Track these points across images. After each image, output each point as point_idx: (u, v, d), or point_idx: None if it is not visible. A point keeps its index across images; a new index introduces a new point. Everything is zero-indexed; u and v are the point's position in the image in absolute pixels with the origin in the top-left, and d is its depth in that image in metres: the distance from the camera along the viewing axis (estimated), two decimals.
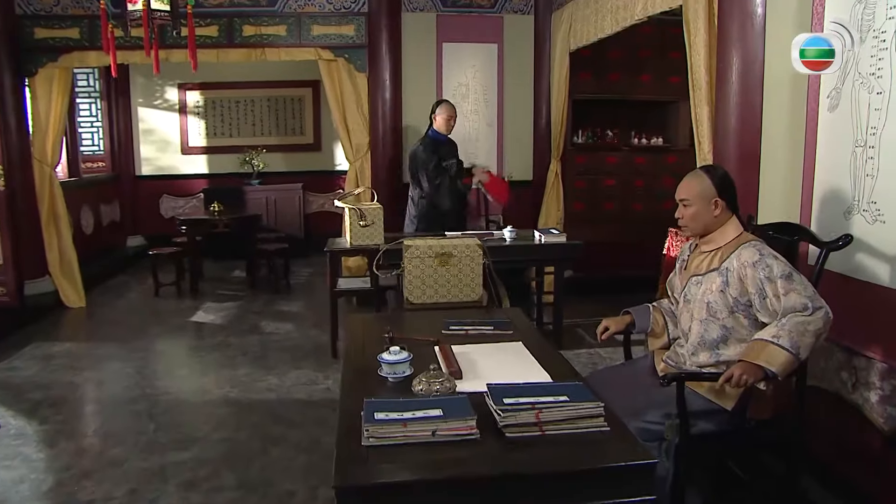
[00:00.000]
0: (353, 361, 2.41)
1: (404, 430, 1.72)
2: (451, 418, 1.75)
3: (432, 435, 1.73)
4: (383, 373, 2.18)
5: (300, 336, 5.27)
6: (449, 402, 1.84)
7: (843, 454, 2.61)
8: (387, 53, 6.02)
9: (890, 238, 2.34)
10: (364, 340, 2.63)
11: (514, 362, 2.35)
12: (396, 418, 1.74)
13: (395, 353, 2.17)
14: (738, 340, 2.39)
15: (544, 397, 1.84)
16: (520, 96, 6.34)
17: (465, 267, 3.18)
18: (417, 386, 1.98)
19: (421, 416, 1.76)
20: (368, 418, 1.74)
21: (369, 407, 1.80)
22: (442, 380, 1.98)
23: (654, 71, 6.50)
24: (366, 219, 4.61)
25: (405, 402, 1.84)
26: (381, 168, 6.15)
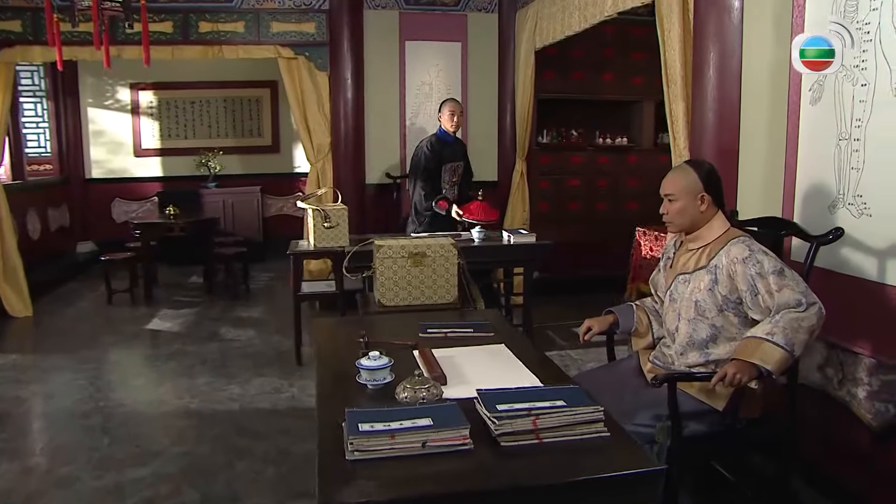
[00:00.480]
0: (328, 368, 2.25)
1: (392, 443, 1.57)
2: (442, 428, 1.60)
3: (422, 447, 1.58)
4: (362, 380, 2.03)
5: (262, 342, 5.06)
6: (438, 411, 1.70)
7: (830, 452, 2.56)
8: (348, 51, 5.85)
9: (878, 231, 2.29)
10: (336, 345, 2.48)
11: (500, 366, 2.22)
12: (383, 429, 1.59)
13: (375, 358, 2.02)
14: (728, 339, 2.31)
15: (540, 402, 1.72)
16: (484, 96, 6.24)
17: (440, 267, 3.04)
18: (402, 393, 1.83)
19: (409, 427, 1.61)
20: (352, 430, 1.59)
21: (352, 417, 1.65)
22: (428, 386, 1.84)
23: (617, 70, 6.48)
24: (330, 220, 4.44)
25: (390, 411, 1.69)
26: (343, 169, 5.97)
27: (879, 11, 2.25)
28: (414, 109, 6.09)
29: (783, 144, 2.71)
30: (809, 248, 2.30)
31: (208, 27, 5.60)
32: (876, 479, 2.38)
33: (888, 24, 2.22)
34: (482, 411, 1.71)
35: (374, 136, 6.03)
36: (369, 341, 2.37)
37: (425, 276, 3.02)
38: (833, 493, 2.54)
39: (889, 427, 2.32)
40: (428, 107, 6.11)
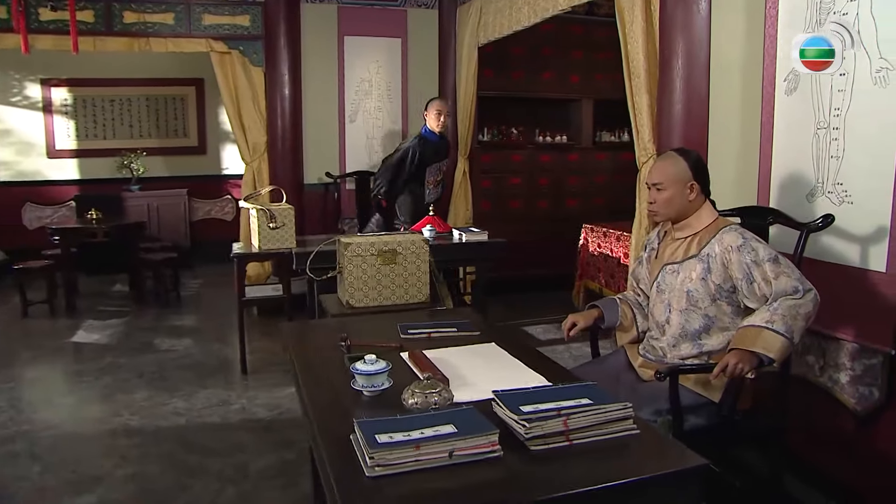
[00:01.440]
0: (311, 375, 2.04)
1: (417, 454, 1.40)
2: (468, 435, 1.45)
3: (449, 457, 1.42)
4: (357, 386, 1.84)
5: (201, 352, 4.72)
6: (458, 416, 1.54)
7: (812, 439, 2.56)
8: (285, 46, 5.58)
9: (859, 218, 2.30)
10: (312, 351, 2.27)
11: (499, 365, 2.08)
12: (405, 440, 1.42)
13: (371, 362, 1.84)
14: (721, 329, 2.26)
15: (565, 402, 1.59)
16: (425, 93, 6.05)
17: (411, 265, 2.88)
18: (410, 399, 1.66)
19: (433, 436, 1.45)
20: (371, 443, 1.41)
21: (366, 429, 1.47)
22: (438, 390, 1.68)
23: (556, 69, 6.48)
24: (276, 220, 4.19)
25: (408, 419, 1.52)
26: (280, 168, 5.68)
27: (857, 2, 2.25)
28: (353, 107, 5.88)
29: (757, 135, 2.70)
30: (800, 237, 2.28)
31: (134, 18, 5.19)
32: (860, 465, 2.39)
33: (866, 14, 2.23)
34: (505, 414, 1.57)
35: (313, 135, 5.78)
36: (351, 344, 2.20)
37: (396, 274, 2.85)
38: (815, 480, 2.54)
39: (873, 411, 2.33)
40: (367, 104, 5.91)
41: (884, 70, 2.18)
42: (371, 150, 5.95)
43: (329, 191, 5.87)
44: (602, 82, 6.63)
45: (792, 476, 2.56)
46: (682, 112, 3.04)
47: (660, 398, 2.18)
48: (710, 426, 2.21)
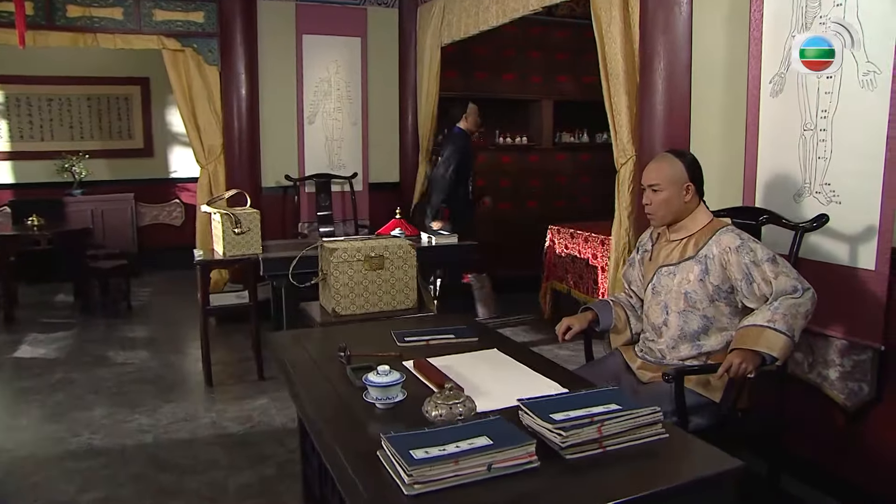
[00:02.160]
0: (313, 389, 1.97)
1: (456, 469, 1.36)
2: (505, 446, 1.42)
3: (488, 470, 1.39)
4: (370, 398, 1.79)
5: (160, 365, 4.54)
6: (491, 427, 1.50)
7: (803, 435, 2.62)
8: (241, 44, 5.42)
9: (848, 217, 2.37)
10: (307, 362, 2.20)
11: (508, 372, 2.06)
12: (442, 454, 1.38)
13: (385, 373, 1.78)
14: (719, 330, 2.30)
15: (594, 408, 1.58)
16: (385, 94, 6.03)
17: (398, 270, 2.83)
18: (433, 411, 1.62)
19: (469, 449, 1.41)
20: (407, 459, 1.36)
21: (399, 444, 1.42)
22: (462, 400, 1.64)
23: (517, 70, 6.52)
24: (241, 226, 4.07)
25: (438, 432, 1.48)
26: (237, 171, 5.51)
27: (844, 7, 2.33)
28: (312, 108, 5.76)
29: (741, 135, 2.76)
30: (794, 237, 2.33)
31: (78, 11, 4.95)
32: (851, 459, 2.46)
33: (853, 18, 2.31)
34: (536, 423, 1.55)
35: (270, 137, 5.64)
36: (351, 354, 2.14)
37: (383, 280, 2.80)
38: (807, 475, 2.61)
39: (863, 406, 2.41)
40: (327, 105, 5.80)
41: (871, 73, 2.26)
42: (331, 151, 5.85)
43: (288, 194, 5.73)
44: (562, 84, 6.70)
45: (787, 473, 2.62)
46: (664, 113, 3.08)
47: (662, 399, 2.19)
48: (711, 426, 2.23)
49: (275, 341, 2.42)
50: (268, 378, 4.21)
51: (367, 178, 6.01)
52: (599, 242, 4.85)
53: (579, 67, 6.74)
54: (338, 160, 5.86)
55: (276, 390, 4.02)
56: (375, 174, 6.08)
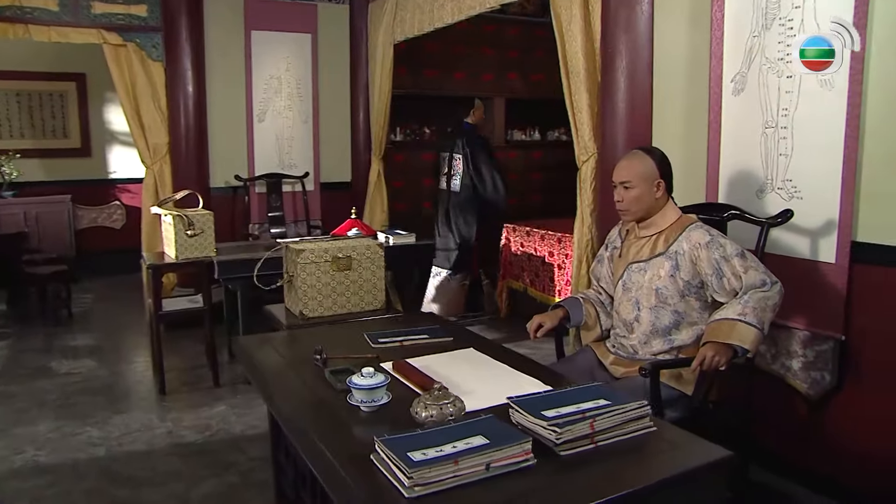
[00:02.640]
0: (291, 394, 1.93)
1: (456, 469, 1.36)
2: (502, 445, 1.42)
3: (486, 469, 1.39)
4: (355, 401, 1.77)
5: (108, 374, 4.37)
6: (485, 426, 1.51)
7: (767, 424, 2.72)
8: (187, 40, 5.26)
9: (809, 212, 2.47)
10: (281, 366, 2.15)
11: (488, 371, 2.06)
12: (441, 455, 1.37)
13: (370, 375, 1.76)
14: (690, 324, 2.36)
15: (584, 404, 1.60)
16: (336, 91, 5.96)
17: (366, 271, 2.80)
18: (423, 412, 1.60)
19: (466, 449, 1.41)
20: (406, 461, 1.35)
21: (395, 446, 1.40)
22: (452, 400, 1.63)
23: (468, 68, 6.55)
24: (194, 227, 3.96)
25: (433, 433, 1.47)
26: (184, 171, 5.35)
27: (802, 9, 2.42)
28: (262, 106, 5.65)
29: (703, 133, 2.85)
30: (760, 231, 2.41)
31: (7, 0, 4.71)
32: (815, 446, 2.57)
33: (811, 18, 2.40)
34: (528, 421, 1.55)
35: (219, 135, 5.50)
36: (327, 357, 2.10)
37: (351, 281, 2.76)
38: (772, 463, 2.70)
39: (825, 395, 2.52)
40: (277, 103, 5.70)
41: (829, 74, 2.36)
42: (281, 151, 5.75)
43: (237, 195, 5.61)
44: (513, 81, 6.77)
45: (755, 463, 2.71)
46: (626, 110, 3.15)
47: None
48: (684, 418, 2.28)
49: (243, 345, 2.36)
50: (223, 385, 4.11)
51: (318, 177, 5.94)
52: (556, 240, 4.92)
53: (529, 65, 6.82)
54: (288, 159, 5.76)
55: (232, 397, 3.93)
56: (327, 173, 6.01)
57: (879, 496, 2.36)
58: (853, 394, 2.43)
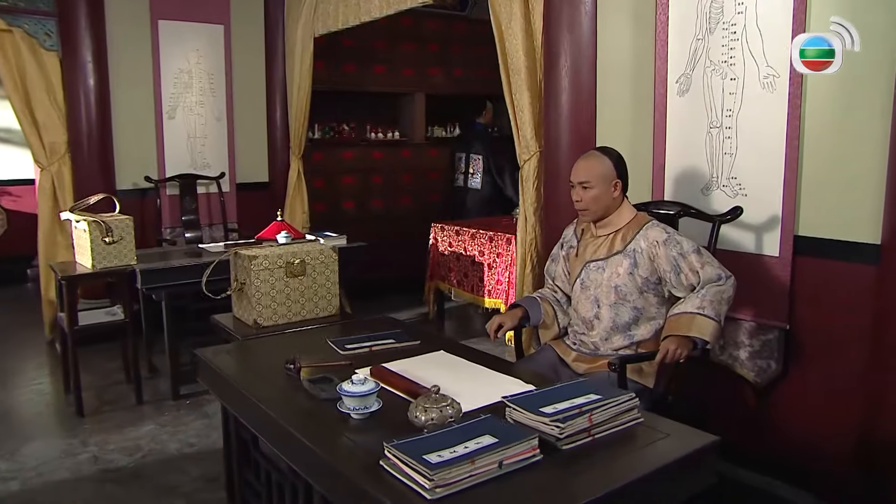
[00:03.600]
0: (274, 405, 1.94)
1: (472, 469, 1.45)
2: (511, 443, 1.52)
3: (499, 467, 1.49)
4: (344, 408, 1.82)
5: (12, 398, 4.15)
6: (490, 426, 1.61)
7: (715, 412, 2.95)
8: (87, 28, 5.03)
9: (753, 209, 2.71)
10: (251, 378, 2.17)
11: (467, 373, 2.17)
12: (457, 456, 1.46)
13: (360, 382, 1.82)
14: (648, 319, 2.55)
15: (577, 399, 1.73)
16: (252, 86, 5.87)
17: (320, 276, 2.84)
18: (423, 415, 1.68)
19: (479, 448, 1.50)
20: (425, 464, 1.43)
21: (409, 450, 1.48)
22: (449, 402, 1.72)
23: (388, 62, 6.61)
24: (112, 234, 3.84)
25: (441, 436, 1.56)
26: (86, 172, 5.12)
27: (745, 15, 2.67)
28: (172, 101, 5.48)
29: (648, 132, 3.06)
30: (712, 228, 2.64)
31: None
32: (763, 430, 2.82)
33: (752, 26, 2.65)
34: (528, 418, 1.67)
35: (125, 133, 5.29)
36: (301, 366, 2.14)
37: (305, 287, 2.79)
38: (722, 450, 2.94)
39: (771, 382, 2.78)
40: (188, 98, 5.55)
41: (770, 77, 2.61)
42: (193, 150, 5.60)
43: (147, 197, 5.43)
44: (434, 76, 6.89)
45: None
46: (570, 109, 3.32)
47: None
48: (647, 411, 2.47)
49: (202, 358, 2.35)
50: (147, 402, 4.00)
51: (234, 177, 5.83)
52: (487, 239, 5.06)
53: (450, 60, 6.97)
54: (202, 159, 5.63)
55: (159, 414, 3.84)
56: (243, 173, 5.91)
57: (826, 473, 2.63)
58: (798, 379, 2.69)
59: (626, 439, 1.69)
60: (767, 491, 2.79)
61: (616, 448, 1.64)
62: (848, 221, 2.48)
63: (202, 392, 4.10)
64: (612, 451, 1.63)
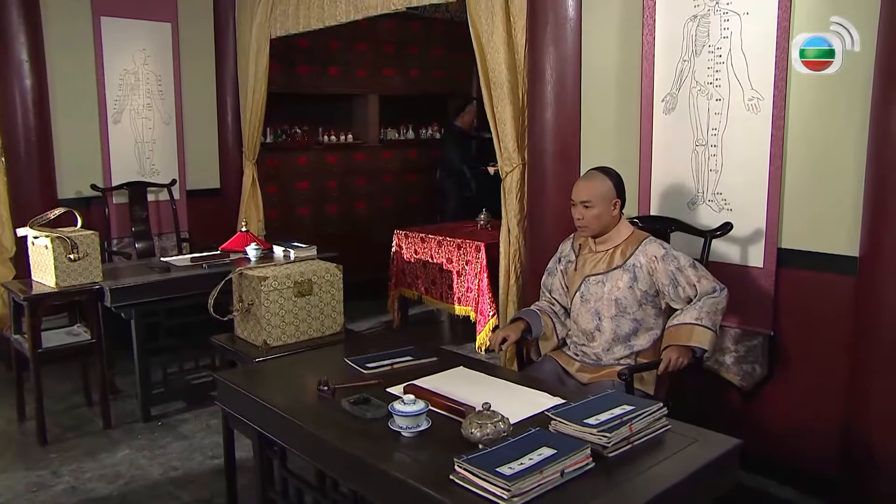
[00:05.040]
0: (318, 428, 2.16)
1: (541, 478, 1.72)
2: (568, 453, 1.80)
3: (561, 475, 1.76)
4: (396, 426, 2.06)
5: None
6: (545, 439, 1.88)
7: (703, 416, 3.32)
8: (21, 25, 5.01)
9: (738, 223, 3.07)
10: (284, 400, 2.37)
11: (493, 388, 2.42)
12: (526, 467, 1.72)
13: (411, 402, 2.07)
14: (647, 329, 2.88)
15: (614, 410, 2.02)
16: (201, 89, 5.96)
17: (326, 295, 3.04)
18: (478, 431, 1.93)
19: (542, 459, 1.77)
20: (499, 476, 1.68)
21: (482, 463, 1.73)
22: (501, 417, 1.98)
23: (342, 63, 6.79)
24: (78, 251, 3.92)
25: (504, 449, 1.81)
26: (24, 181, 5.11)
27: (730, 39, 3.03)
28: (118, 104, 5.51)
29: (634, 148, 3.39)
30: (704, 243, 2.99)
31: None
32: (748, 432, 3.19)
33: (738, 50, 3.01)
34: (574, 430, 1.94)
35: (67, 139, 5.30)
36: (335, 387, 2.36)
37: (312, 306, 3.00)
38: None
39: (756, 385, 3.16)
40: (135, 101, 5.59)
41: (755, 99, 2.98)
42: (141, 155, 5.65)
43: (93, 206, 5.45)
44: (388, 77, 7.11)
45: None
46: (554, 123, 3.62)
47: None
48: None
49: (227, 382, 2.52)
50: (117, 426, 4.08)
51: (184, 184, 5.91)
52: (455, 247, 5.33)
53: (404, 60, 7.20)
54: (150, 165, 5.69)
55: (132, 438, 3.93)
56: (193, 180, 5.99)
57: (809, 470, 3.02)
58: (782, 382, 3.08)
59: (660, 446, 1.98)
60: (754, 488, 3.17)
61: (654, 454, 1.94)
62: (829, 235, 2.87)
63: (174, 412, 4.23)
64: (651, 456, 1.92)
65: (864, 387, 2.75)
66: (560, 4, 3.52)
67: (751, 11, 2.96)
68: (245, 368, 2.68)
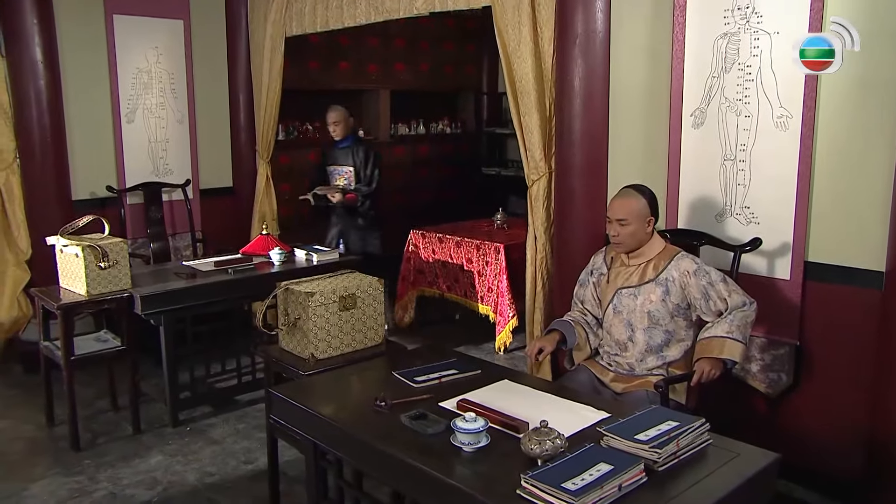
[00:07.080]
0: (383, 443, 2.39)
1: (602, 492, 1.96)
2: (624, 469, 2.04)
3: (619, 489, 2.01)
4: (457, 442, 2.30)
5: None
6: (602, 455, 2.13)
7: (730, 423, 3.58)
8: (35, 25, 5.18)
9: (766, 236, 3.31)
10: (344, 415, 2.61)
11: (539, 402, 2.65)
12: (589, 482, 1.97)
13: (472, 420, 2.31)
14: (678, 341, 3.13)
15: (661, 426, 2.27)
16: (214, 86, 6.14)
17: (368, 308, 3.28)
18: (537, 447, 2.17)
19: (601, 475, 2.01)
20: (565, 491, 1.93)
21: (547, 478, 1.98)
22: (557, 434, 2.23)
23: (352, 58, 6.98)
24: (108, 259, 4.14)
25: (566, 465, 2.06)
26: (39, 182, 5.29)
27: (759, 58, 3.26)
28: (131, 103, 5.70)
29: (663, 161, 3.63)
30: (734, 257, 3.24)
31: None
32: (774, 438, 3.46)
33: (767, 69, 3.24)
34: (626, 445, 2.18)
35: (81, 139, 5.49)
36: (392, 403, 2.60)
37: (356, 319, 3.23)
38: None
39: (781, 393, 3.42)
40: (148, 99, 5.78)
41: (784, 117, 3.22)
42: (155, 156, 5.85)
43: (107, 207, 5.65)
44: (399, 72, 7.31)
45: None
46: (581, 134, 3.85)
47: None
48: None
49: (283, 395, 2.75)
50: (146, 431, 4.31)
51: (197, 184, 6.11)
52: (474, 247, 5.57)
53: (416, 56, 7.40)
54: (163, 164, 5.88)
55: (163, 443, 4.15)
56: (206, 179, 6.19)
57: (835, 477, 3.29)
58: (808, 390, 3.34)
59: (704, 460, 2.23)
60: (780, 492, 3.43)
61: (701, 468, 2.18)
62: (855, 250, 3.12)
63: (201, 417, 4.47)
64: (696, 471, 2.17)
65: (887, 397, 3.01)
66: (590, 18, 3.74)
67: (781, 31, 3.18)
68: (297, 382, 2.92)
